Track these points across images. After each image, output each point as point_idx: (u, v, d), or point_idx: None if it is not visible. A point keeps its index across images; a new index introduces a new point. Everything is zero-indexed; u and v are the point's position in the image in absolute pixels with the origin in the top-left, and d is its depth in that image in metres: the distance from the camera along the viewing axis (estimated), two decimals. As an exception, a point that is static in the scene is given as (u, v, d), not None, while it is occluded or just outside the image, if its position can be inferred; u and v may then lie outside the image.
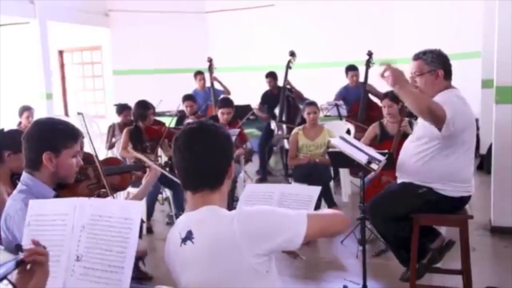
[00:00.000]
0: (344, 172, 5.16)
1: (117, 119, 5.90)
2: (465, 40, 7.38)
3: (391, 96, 4.05)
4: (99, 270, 1.58)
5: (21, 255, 1.27)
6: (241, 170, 5.07)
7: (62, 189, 2.06)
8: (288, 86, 6.35)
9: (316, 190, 2.20)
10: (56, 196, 2.00)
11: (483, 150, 6.82)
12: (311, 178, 4.37)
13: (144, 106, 4.76)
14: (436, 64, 2.70)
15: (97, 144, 5.45)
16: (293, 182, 4.72)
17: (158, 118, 5.65)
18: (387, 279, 3.31)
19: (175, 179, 2.42)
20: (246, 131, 6.96)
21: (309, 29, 8.88)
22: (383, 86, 6.07)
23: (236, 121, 5.25)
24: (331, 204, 4.31)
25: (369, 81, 5.90)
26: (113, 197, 2.44)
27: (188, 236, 1.51)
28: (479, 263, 3.46)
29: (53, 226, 1.64)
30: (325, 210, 1.78)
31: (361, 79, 6.09)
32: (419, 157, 2.74)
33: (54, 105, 9.34)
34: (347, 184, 5.28)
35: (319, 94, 6.62)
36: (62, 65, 11.44)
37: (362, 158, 2.89)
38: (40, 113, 6.20)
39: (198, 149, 1.54)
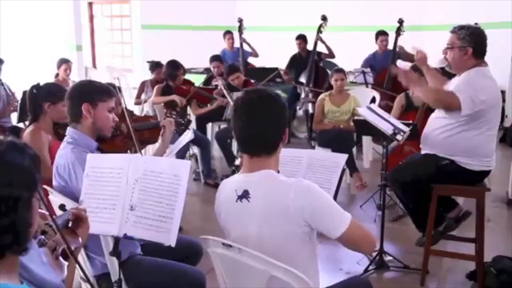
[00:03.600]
0: (366, 139, 5.27)
1: (146, 73, 6.04)
2: (496, 10, 7.23)
3: (418, 69, 4.10)
4: (150, 219, 1.79)
5: (66, 214, 1.48)
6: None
7: (102, 142, 2.28)
8: (318, 50, 6.38)
9: (342, 157, 2.34)
10: (98, 147, 2.22)
11: (507, 123, 6.82)
12: (334, 143, 4.52)
13: (174, 66, 4.91)
14: (468, 42, 2.77)
15: (126, 98, 5.64)
16: (316, 146, 4.87)
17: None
18: (403, 243, 3.49)
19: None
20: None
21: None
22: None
23: (250, 81, 5.30)
24: (353, 169, 4.46)
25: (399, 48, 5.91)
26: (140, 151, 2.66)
27: (245, 195, 1.67)
28: (493, 234, 3.61)
29: (110, 178, 1.85)
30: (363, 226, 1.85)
31: (390, 46, 6.09)
32: (443, 131, 2.87)
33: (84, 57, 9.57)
34: (369, 150, 5.40)
35: (348, 58, 6.67)
36: (91, 17, 11.54)
37: (387, 128, 3.02)
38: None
39: (257, 117, 1.67)
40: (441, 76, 3.20)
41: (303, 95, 6.35)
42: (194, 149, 5.20)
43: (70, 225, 1.51)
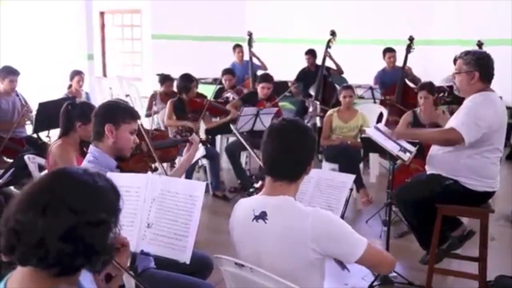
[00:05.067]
0: (373, 154, 5.35)
1: (155, 83, 6.13)
2: (502, 26, 7.29)
3: (428, 88, 4.19)
4: (166, 236, 1.88)
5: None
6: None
7: (121, 161, 2.37)
8: (327, 65, 6.48)
9: (350, 178, 2.44)
10: (117, 166, 2.31)
11: (515, 140, 6.84)
12: (341, 159, 4.62)
13: (188, 79, 5.01)
14: (474, 66, 2.84)
15: (137, 107, 5.74)
16: (323, 161, 4.95)
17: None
18: (408, 259, 3.54)
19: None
20: (280, 104, 7.17)
21: (351, 4, 8.81)
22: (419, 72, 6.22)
23: (274, 97, 5.44)
24: (360, 186, 4.53)
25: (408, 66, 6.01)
26: (163, 168, 2.74)
27: (262, 216, 1.75)
28: (496, 252, 3.64)
29: (128, 197, 1.94)
30: (383, 249, 1.92)
31: (400, 62, 6.18)
32: (447, 151, 2.95)
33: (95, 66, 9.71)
34: (376, 165, 5.48)
35: (357, 71, 6.74)
36: (102, 26, 11.72)
37: (393, 149, 3.10)
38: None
39: (289, 145, 1.77)
40: (431, 129, 3.34)
41: (311, 109, 6.44)
42: (203, 161, 5.30)
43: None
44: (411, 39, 5.96)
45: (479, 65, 2.84)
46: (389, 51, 6.39)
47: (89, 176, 1.18)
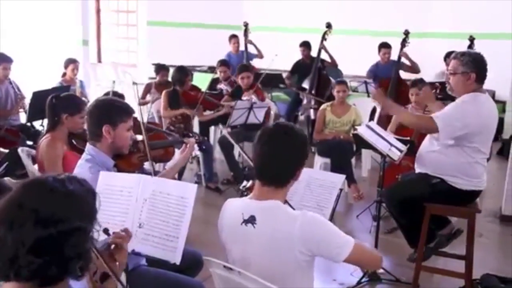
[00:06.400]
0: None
1: (150, 69, 6.09)
2: (496, 21, 7.30)
3: (419, 85, 4.21)
4: (157, 237, 1.91)
5: (109, 238, 1.57)
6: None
7: (118, 159, 2.38)
8: (322, 57, 6.48)
9: (340, 178, 2.48)
10: (114, 165, 2.32)
11: (506, 135, 6.88)
12: (334, 153, 4.65)
13: (183, 72, 5.01)
14: (471, 67, 2.86)
15: (132, 96, 5.69)
16: (316, 154, 4.98)
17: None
18: (396, 256, 3.60)
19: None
20: (274, 94, 7.19)
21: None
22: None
23: (254, 84, 5.38)
24: (351, 181, 4.57)
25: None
26: (153, 167, 2.74)
27: (251, 220, 1.78)
28: (484, 249, 3.72)
29: (120, 196, 1.97)
30: (368, 247, 1.97)
31: (394, 56, 6.19)
32: (433, 150, 3.01)
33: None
34: (368, 159, 5.53)
35: (351, 62, 6.75)
36: (98, 11, 11.61)
37: (384, 148, 3.13)
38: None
39: (279, 151, 1.78)
40: (413, 113, 3.35)
41: (305, 101, 6.45)
42: (197, 152, 5.31)
43: (111, 248, 1.58)
44: (406, 33, 5.96)
45: (476, 67, 2.86)
46: (384, 47, 6.38)
47: (59, 183, 1.17)
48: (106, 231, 1.57)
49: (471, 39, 6.26)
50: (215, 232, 1.96)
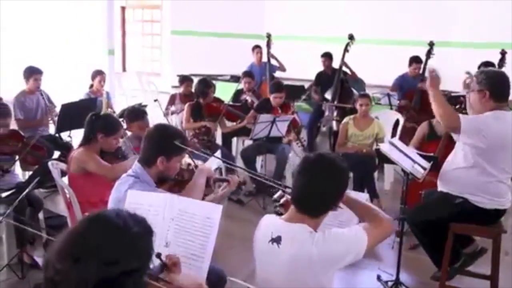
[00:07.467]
0: (388, 162, 5.34)
1: (174, 79, 6.14)
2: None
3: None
4: (183, 256, 1.94)
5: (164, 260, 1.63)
6: (291, 151, 5.36)
7: (161, 183, 2.43)
8: (343, 69, 6.47)
9: (364, 196, 2.51)
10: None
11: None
12: (356, 168, 4.62)
13: (205, 84, 5.08)
14: (485, 85, 2.86)
15: (155, 105, 5.75)
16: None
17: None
18: (419, 274, 3.57)
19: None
20: (296, 104, 7.18)
21: (369, 4, 8.68)
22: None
23: (288, 103, 5.43)
24: (374, 196, 4.55)
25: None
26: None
27: (277, 240, 1.82)
28: (510, 268, 3.65)
29: (147, 215, 2.00)
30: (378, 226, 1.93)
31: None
32: (455, 168, 3.00)
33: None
34: (390, 172, 5.48)
35: (374, 71, 6.69)
36: (123, 21, 11.85)
37: (407, 166, 3.12)
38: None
39: (316, 182, 1.80)
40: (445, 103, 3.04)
41: (327, 113, 6.45)
42: (219, 164, 5.35)
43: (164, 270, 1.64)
44: (431, 44, 5.86)
45: (489, 84, 2.85)
46: (416, 62, 6.22)
47: (122, 221, 1.20)
48: (158, 255, 1.62)
49: (503, 53, 5.67)
50: (236, 244, 2.00)
